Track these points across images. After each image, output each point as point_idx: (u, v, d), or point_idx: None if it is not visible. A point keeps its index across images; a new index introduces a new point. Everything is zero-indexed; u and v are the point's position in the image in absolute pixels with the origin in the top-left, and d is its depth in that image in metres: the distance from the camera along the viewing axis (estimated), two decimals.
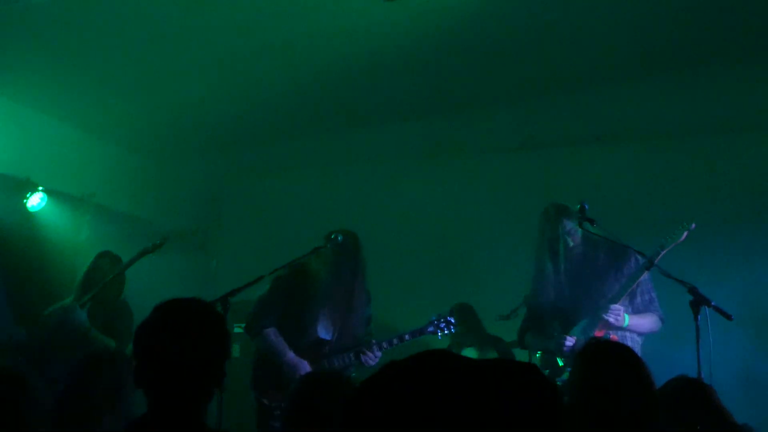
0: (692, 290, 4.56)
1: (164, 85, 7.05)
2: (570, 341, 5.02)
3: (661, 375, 2.99)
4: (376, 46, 6.37)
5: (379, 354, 5.36)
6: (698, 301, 4.51)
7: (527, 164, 8.07)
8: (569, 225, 5.13)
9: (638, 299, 5.11)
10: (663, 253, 4.88)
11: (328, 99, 7.43)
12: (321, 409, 3.23)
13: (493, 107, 7.79)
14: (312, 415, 3.23)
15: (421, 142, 8.38)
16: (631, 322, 4.99)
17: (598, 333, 4.98)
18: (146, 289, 5.63)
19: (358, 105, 7.60)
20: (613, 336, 4.95)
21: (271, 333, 5.29)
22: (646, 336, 5.14)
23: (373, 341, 5.36)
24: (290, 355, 5.23)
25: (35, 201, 7.14)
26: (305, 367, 5.20)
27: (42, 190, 7.15)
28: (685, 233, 4.87)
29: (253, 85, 7.08)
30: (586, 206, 5.08)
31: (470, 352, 6.50)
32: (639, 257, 5.02)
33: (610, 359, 2.86)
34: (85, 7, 5.71)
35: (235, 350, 7.25)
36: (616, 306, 4.94)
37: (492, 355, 6.43)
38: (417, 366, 1.19)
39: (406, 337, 5.45)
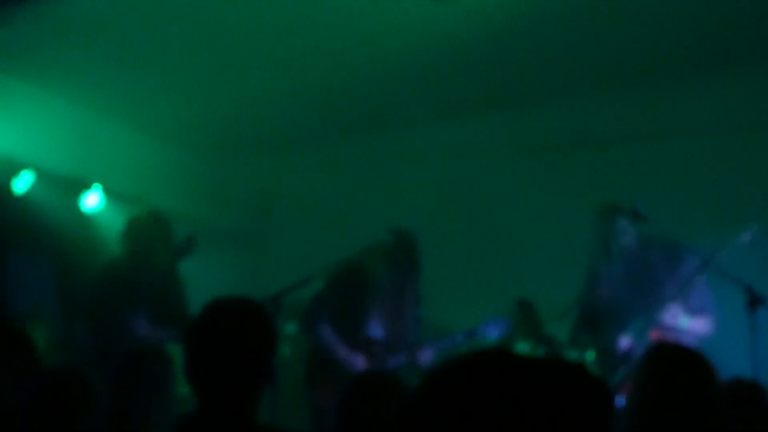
0: (748, 290, 4.49)
1: (217, 85, 7.12)
2: (624, 341, 4.97)
3: None
4: (423, 46, 6.36)
5: (431, 354, 5.37)
6: (754, 301, 4.43)
7: (581, 162, 8.00)
8: (623, 224, 5.08)
9: (693, 301, 5.03)
10: (722, 254, 4.79)
11: (379, 99, 7.43)
12: (374, 410, 3.24)
13: (543, 105, 7.72)
14: (365, 417, 3.24)
15: (472, 141, 8.35)
16: (688, 324, 4.92)
17: (654, 334, 4.91)
18: (198, 288, 5.68)
19: (409, 104, 7.59)
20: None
21: (325, 329, 5.35)
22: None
23: (426, 341, 5.38)
24: (344, 351, 5.27)
25: (91, 201, 7.25)
26: (359, 363, 5.24)
27: (98, 191, 7.26)
28: (747, 235, 4.77)
29: (303, 84, 7.11)
30: (639, 205, 5.03)
31: (521, 349, 6.48)
32: (696, 258, 4.94)
33: (680, 363, 2.82)
34: (138, 9, 5.79)
35: (285, 350, 7.29)
36: (674, 307, 4.87)
37: (539, 353, 6.39)
38: (475, 365, 1.18)
39: (460, 337, 5.47)
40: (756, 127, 7.23)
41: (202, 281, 6.11)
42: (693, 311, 5.01)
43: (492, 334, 5.65)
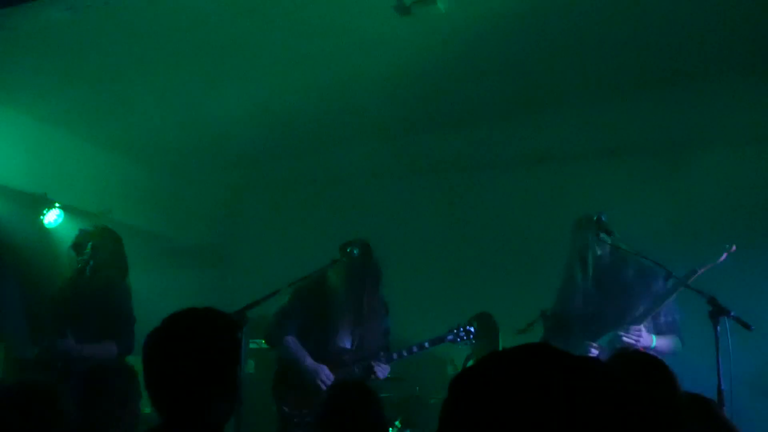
0: (711, 300, 4.51)
1: (181, 101, 7.08)
2: (594, 351, 5.00)
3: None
4: (391, 59, 6.38)
5: (387, 367, 5.40)
6: (717, 312, 4.46)
7: (544, 178, 8.05)
8: (599, 236, 5.13)
9: (662, 319, 5.07)
10: (698, 274, 4.82)
11: (344, 113, 7.43)
12: (349, 417, 3.27)
13: (509, 120, 7.77)
14: (341, 424, 3.27)
15: (437, 156, 8.38)
16: (657, 343, 4.96)
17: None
18: (162, 305, 5.60)
19: (373, 119, 7.60)
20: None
21: (291, 341, 5.42)
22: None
23: (382, 353, 5.41)
24: (309, 361, 5.34)
25: (52, 217, 7.16)
26: (324, 371, 5.29)
27: (59, 207, 7.17)
28: (725, 255, 4.80)
29: (269, 99, 7.10)
30: (603, 217, 5.07)
31: None
32: (666, 276, 4.96)
33: (642, 368, 2.86)
34: (100, 23, 5.75)
35: (251, 366, 7.25)
36: (637, 327, 4.90)
37: None
38: (520, 360, 1.17)
39: (426, 344, 5.50)
40: (715, 140, 7.30)
41: (168, 297, 6.04)
42: (660, 331, 5.04)
43: (459, 340, 5.67)
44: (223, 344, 2.47)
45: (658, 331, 5.05)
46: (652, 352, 4.90)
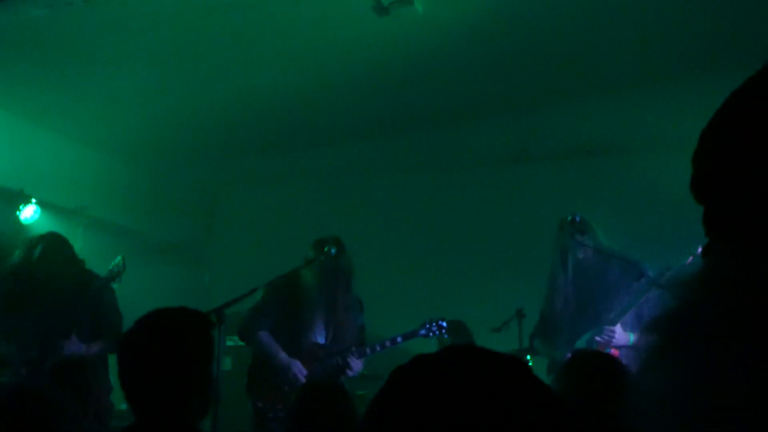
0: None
1: (158, 97, 7.07)
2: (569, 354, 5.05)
3: None
4: (370, 59, 6.41)
5: (359, 363, 5.43)
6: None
7: (520, 177, 8.10)
8: (580, 236, 5.17)
9: (646, 313, 5.10)
10: (667, 275, 4.89)
11: (322, 111, 7.45)
12: (321, 419, 3.28)
13: (486, 120, 7.81)
14: (314, 425, 3.29)
15: (414, 155, 8.41)
16: (636, 340, 5.00)
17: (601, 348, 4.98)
18: (138, 302, 5.58)
19: (350, 117, 7.63)
20: (614, 351, 4.93)
21: (264, 336, 5.42)
22: None
23: (354, 348, 5.43)
24: (282, 355, 5.35)
25: (28, 213, 7.13)
26: (297, 366, 5.31)
27: (35, 202, 7.14)
28: (690, 258, 4.87)
29: (246, 96, 7.10)
30: (577, 218, 5.12)
31: None
32: (639, 276, 5.01)
33: (596, 368, 2.90)
34: (79, 20, 5.73)
35: (227, 363, 7.25)
36: (609, 327, 4.96)
37: None
38: (444, 361, 1.16)
39: (399, 339, 5.52)
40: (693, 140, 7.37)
41: (145, 294, 6.05)
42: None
43: (431, 335, 5.71)
44: (197, 342, 2.47)
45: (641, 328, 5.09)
46: (632, 350, 4.98)
